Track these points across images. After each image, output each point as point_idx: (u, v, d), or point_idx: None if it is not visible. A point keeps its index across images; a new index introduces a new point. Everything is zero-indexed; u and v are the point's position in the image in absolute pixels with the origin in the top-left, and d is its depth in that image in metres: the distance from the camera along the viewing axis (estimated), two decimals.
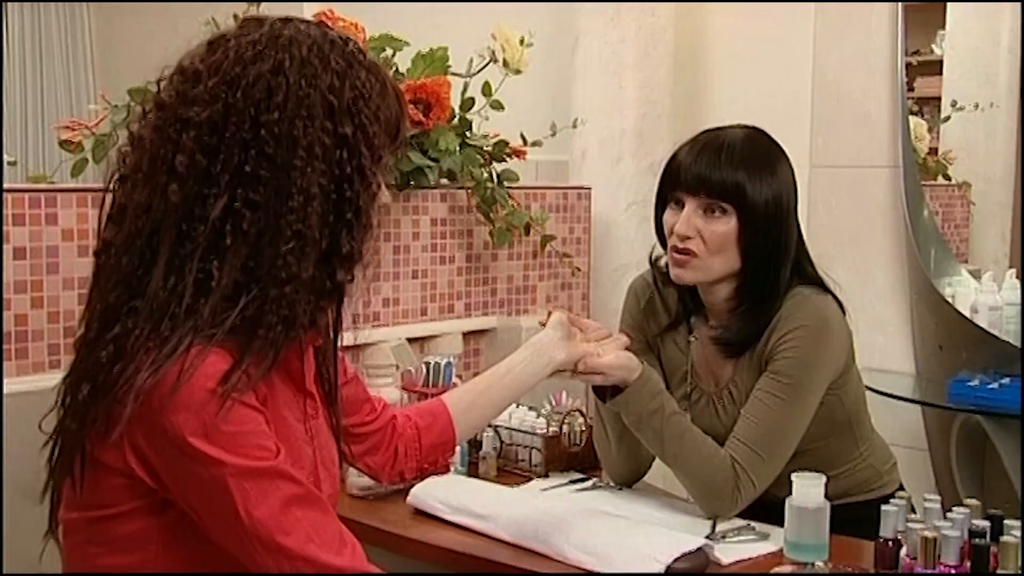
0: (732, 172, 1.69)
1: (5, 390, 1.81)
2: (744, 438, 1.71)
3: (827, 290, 1.78)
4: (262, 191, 1.09)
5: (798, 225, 1.79)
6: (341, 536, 1.12)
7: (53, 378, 1.77)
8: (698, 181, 1.71)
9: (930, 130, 2.93)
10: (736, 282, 1.76)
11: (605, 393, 1.75)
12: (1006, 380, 2.46)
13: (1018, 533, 1.39)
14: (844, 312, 1.78)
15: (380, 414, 1.50)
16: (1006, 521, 1.42)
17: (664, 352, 1.88)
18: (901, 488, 1.87)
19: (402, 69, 2.38)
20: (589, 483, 1.93)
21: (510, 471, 1.99)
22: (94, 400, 1.08)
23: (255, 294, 1.09)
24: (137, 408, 1.05)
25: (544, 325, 1.65)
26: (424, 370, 2.05)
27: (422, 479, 1.73)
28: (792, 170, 1.77)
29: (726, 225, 1.70)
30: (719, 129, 1.77)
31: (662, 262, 1.87)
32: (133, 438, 1.07)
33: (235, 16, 2.13)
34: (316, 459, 1.24)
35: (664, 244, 1.81)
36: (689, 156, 1.73)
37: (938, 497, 1.50)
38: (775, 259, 1.73)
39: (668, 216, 1.77)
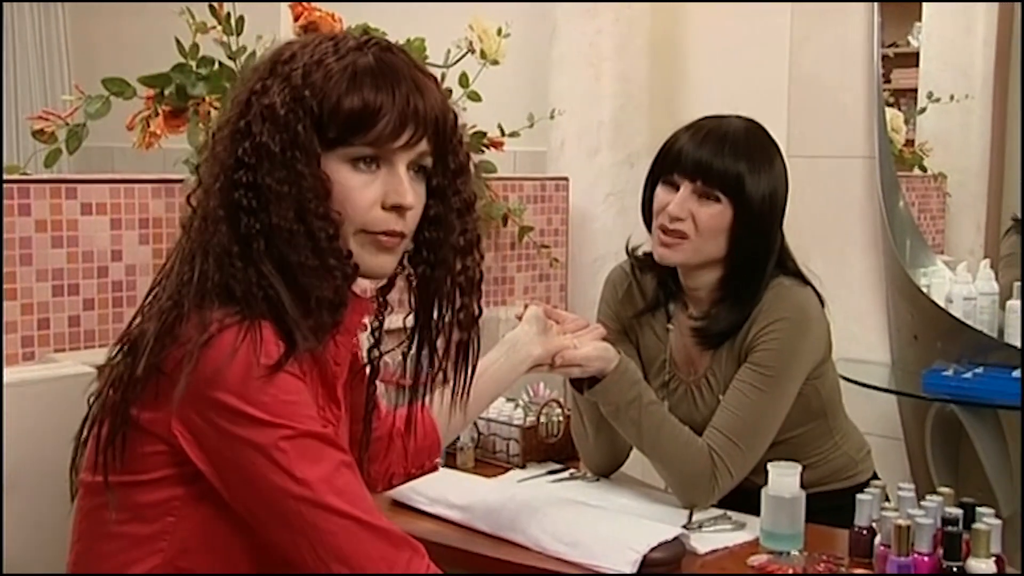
0: (733, 162, 1.70)
1: None
2: (722, 427, 1.72)
3: (807, 282, 1.79)
4: (209, 184, 1.18)
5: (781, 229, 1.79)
6: (377, 507, 1.15)
7: (27, 371, 1.77)
8: (698, 167, 1.71)
9: (906, 121, 2.94)
10: (720, 270, 1.77)
11: (582, 385, 1.75)
12: (980, 370, 2.48)
13: (990, 520, 1.41)
14: (823, 304, 1.79)
15: (383, 421, 1.50)
16: (978, 509, 1.43)
17: (642, 340, 1.89)
18: (875, 476, 1.89)
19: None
20: (567, 474, 1.94)
21: (488, 462, 1.99)
22: (144, 370, 1.11)
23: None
24: (193, 380, 1.08)
25: (520, 320, 1.65)
26: (401, 361, 2.04)
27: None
28: (786, 167, 1.78)
29: (719, 212, 1.71)
30: (720, 118, 1.77)
31: (640, 251, 1.88)
32: (184, 409, 1.10)
33: (211, 7, 2.12)
34: None
35: (648, 223, 1.80)
36: (692, 142, 1.73)
37: (912, 486, 1.51)
38: (762, 252, 1.74)
39: (661, 194, 1.76)
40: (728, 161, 1.71)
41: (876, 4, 2.79)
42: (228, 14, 2.12)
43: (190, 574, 1.15)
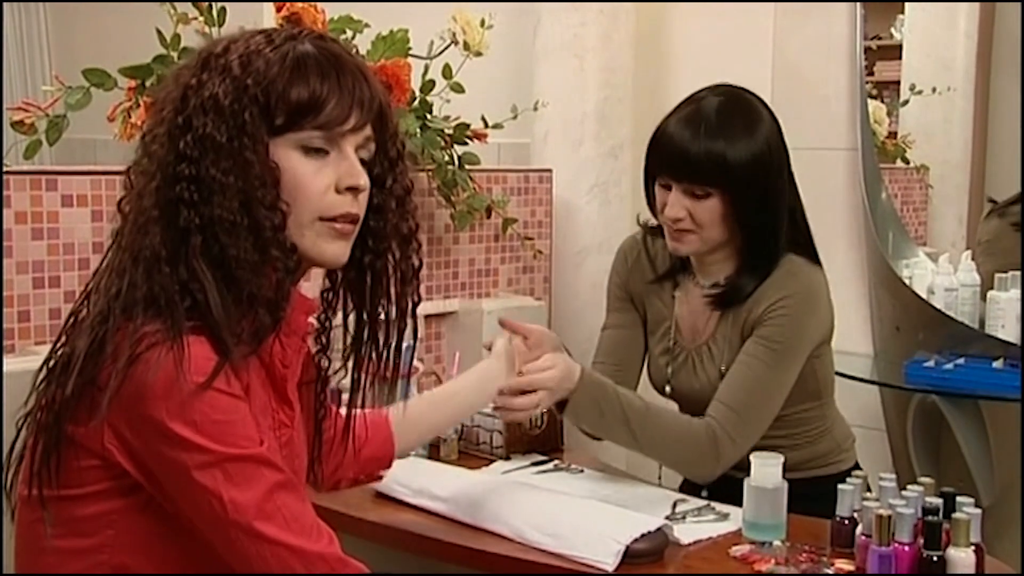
0: (710, 145, 1.71)
1: None
2: (726, 400, 1.74)
3: (818, 262, 1.83)
4: (144, 181, 1.15)
5: (796, 192, 1.82)
6: (318, 526, 1.14)
7: (7, 364, 1.76)
8: (681, 169, 1.74)
9: (889, 114, 2.95)
10: (733, 246, 1.80)
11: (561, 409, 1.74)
12: (961, 361, 2.50)
13: (970, 510, 1.42)
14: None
15: (335, 423, 1.48)
16: (958, 498, 1.44)
17: (649, 308, 1.92)
18: (857, 466, 1.90)
19: (362, 51, 2.36)
20: (550, 465, 1.94)
21: (471, 454, 1.99)
22: (76, 384, 1.09)
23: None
24: (122, 396, 1.06)
25: (490, 350, 1.67)
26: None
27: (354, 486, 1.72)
28: (776, 130, 1.79)
29: (713, 205, 1.74)
30: (697, 99, 1.78)
31: (652, 222, 1.90)
32: (116, 424, 1.08)
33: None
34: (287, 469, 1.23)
35: (654, 213, 1.85)
36: (672, 137, 1.75)
37: (893, 476, 1.52)
38: (768, 224, 1.77)
39: (659, 195, 1.80)
40: (706, 146, 1.71)
41: None
42: (209, 5, 2.11)
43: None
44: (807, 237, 1.84)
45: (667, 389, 1.89)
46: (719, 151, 1.71)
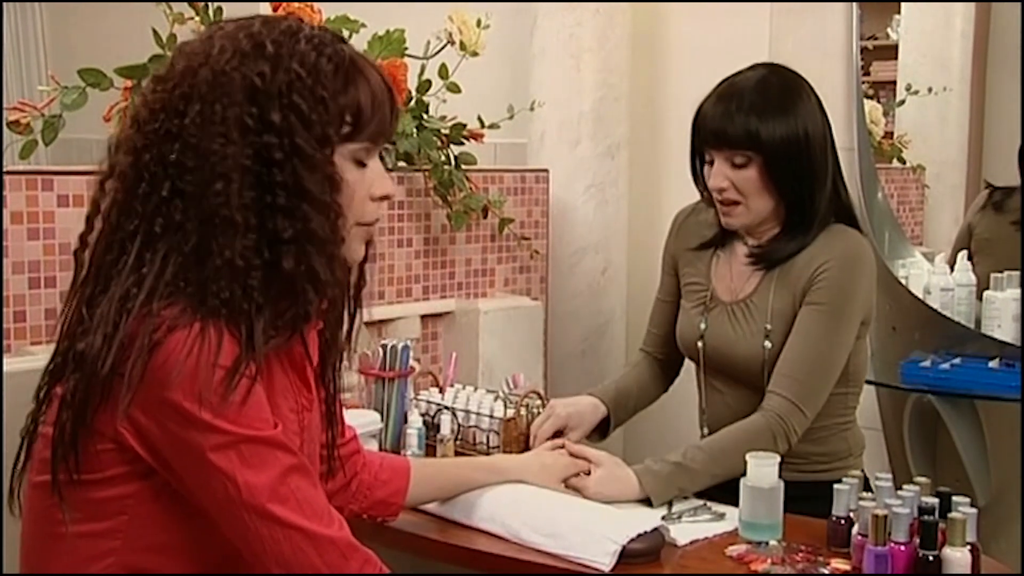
0: (744, 121, 1.77)
1: None
2: (787, 372, 1.76)
3: (863, 234, 1.87)
4: (189, 179, 1.11)
5: (839, 168, 1.86)
6: (329, 511, 1.16)
7: (4, 364, 1.76)
8: (716, 137, 1.80)
9: (885, 114, 2.96)
10: (778, 218, 1.84)
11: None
12: (957, 360, 2.50)
13: (966, 510, 1.42)
14: None
15: (347, 443, 1.49)
16: (954, 498, 1.44)
17: (689, 268, 1.96)
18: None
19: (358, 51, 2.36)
20: None
21: (467, 453, 1.99)
22: (98, 371, 1.10)
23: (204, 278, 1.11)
24: (140, 380, 1.07)
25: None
26: (381, 353, 2.04)
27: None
28: (816, 104, 1.85)
29: (753, 173, 1.79)
30: (736, 75, 1.85)
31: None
32: (131, 408, 1.09)
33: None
34: (304, 452, 1.24)
35: (701, 192, 1.91)
36: (708, 111, 1.82)
37: (890, 475, 1.52)
38: (808, 191, 1.81)
39: (706, 172, 1.85)
40: (740, 121, 1.77)
41: None
42: (205, 5, 2.11)
43: (144, 574, 1.14)
44: (852, 213, 1.88)
45: (698, 344, 1.91)
46: (753, 115, 1.77)
